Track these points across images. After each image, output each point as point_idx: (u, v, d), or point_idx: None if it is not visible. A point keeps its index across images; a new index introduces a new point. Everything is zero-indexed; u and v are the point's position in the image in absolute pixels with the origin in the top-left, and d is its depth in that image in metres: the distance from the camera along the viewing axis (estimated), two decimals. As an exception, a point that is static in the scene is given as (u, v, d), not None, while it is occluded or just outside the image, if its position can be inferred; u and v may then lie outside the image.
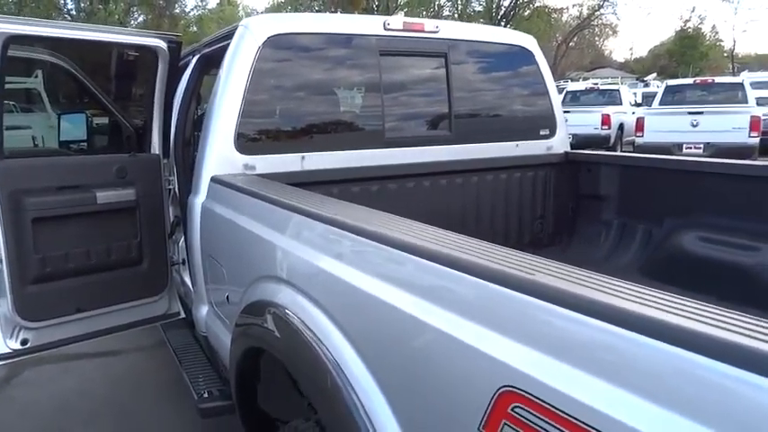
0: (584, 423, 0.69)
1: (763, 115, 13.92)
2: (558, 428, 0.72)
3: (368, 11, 29.29)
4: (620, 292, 0.76)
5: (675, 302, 0.72)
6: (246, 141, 2.31)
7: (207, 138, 2.29)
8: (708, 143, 10.69)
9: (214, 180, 2.19)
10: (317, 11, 29.35)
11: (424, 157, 2.72)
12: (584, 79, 27.76)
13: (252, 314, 1.64)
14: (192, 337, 3.29)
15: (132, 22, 33.13)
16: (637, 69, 44.75)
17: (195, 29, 34.75)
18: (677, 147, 10.95)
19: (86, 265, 2.59)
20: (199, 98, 3.40)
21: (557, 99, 3.17)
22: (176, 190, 3.13)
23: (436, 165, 2.75)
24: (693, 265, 2.45)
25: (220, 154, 2.27)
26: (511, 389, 0.79)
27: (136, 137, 2.87)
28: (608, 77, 30.26)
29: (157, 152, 2.74)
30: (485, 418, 0.82)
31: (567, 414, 0.71)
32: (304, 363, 1.32)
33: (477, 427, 0.84)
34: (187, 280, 3.26)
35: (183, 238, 3.30)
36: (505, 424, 0.79)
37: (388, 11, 29.48)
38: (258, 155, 2.34)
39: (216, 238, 2.12)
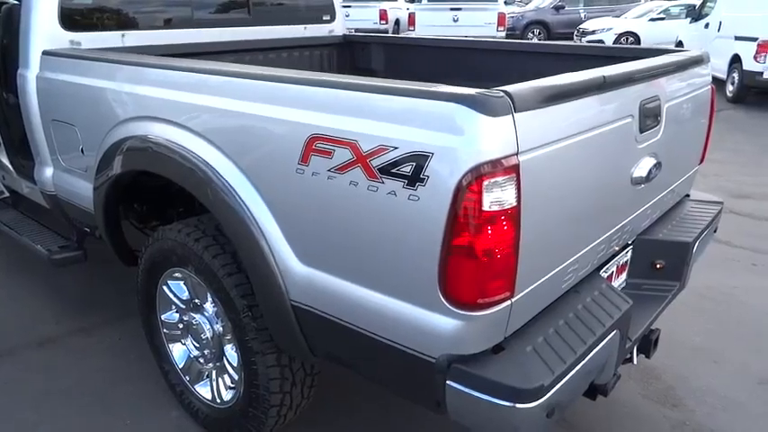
0: (343, 138, 1.47)
1: (509, 13, 16.07)
2: (332, 145, 1.49)
3: None
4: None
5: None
6: (70, 19, 2.62)
7: (30, 16, 2.55)
8: (466, 36, 12.29)
9: (48, 53, 2.51)
10: None
11: (229, 37, 3.26)
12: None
13: (121, 151, 2.16)
14: (20, 214, 3.53)
15: None
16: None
17: None
18: (442, 40, 12.40)
19: None
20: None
21: (334, -11, 3.87)
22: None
23: (240, 43, 3.30)
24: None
25: (47, 31, 2.57)
26: (314, 135, 1.53)
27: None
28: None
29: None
30: (302, 155, 1.57)
31: (335, 137, 1.49)
32: (175, 166, 1.93)
33: (297, 162, 1.58)
34: (4, 160, 3.45)
35: (-6, 122, 3.42)
36: (312, 154, 1.54)
37: None
38: (82, 32, 2.67)
39: (62, 102, 2.48)
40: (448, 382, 1.45)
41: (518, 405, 1.40)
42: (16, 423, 2.38)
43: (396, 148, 1.38)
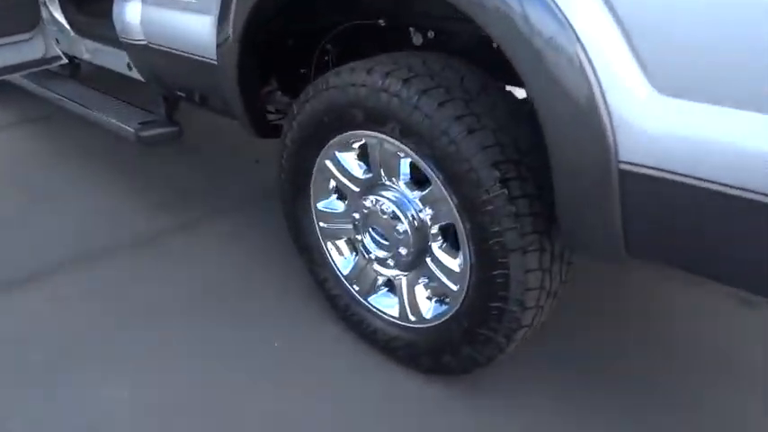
0: None
1: None
2: None
3: None
4: None
5: None
6: None
7: None
8: None
9: None
10: None
11: None
12: None
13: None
14: (83, 86, 2.85)
15: None
16: None
17: None
18: None
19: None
20: None
21: None
22: None
23: None
24: None
25: None
26: None
27: None
28: None
29: None
30: None
31: None
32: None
33: None
34: (58, 16, 2.72)
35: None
36: None
37: None
38: None
39: None
40: None
41: None
42: (109, 337, 1.77)
43: None
